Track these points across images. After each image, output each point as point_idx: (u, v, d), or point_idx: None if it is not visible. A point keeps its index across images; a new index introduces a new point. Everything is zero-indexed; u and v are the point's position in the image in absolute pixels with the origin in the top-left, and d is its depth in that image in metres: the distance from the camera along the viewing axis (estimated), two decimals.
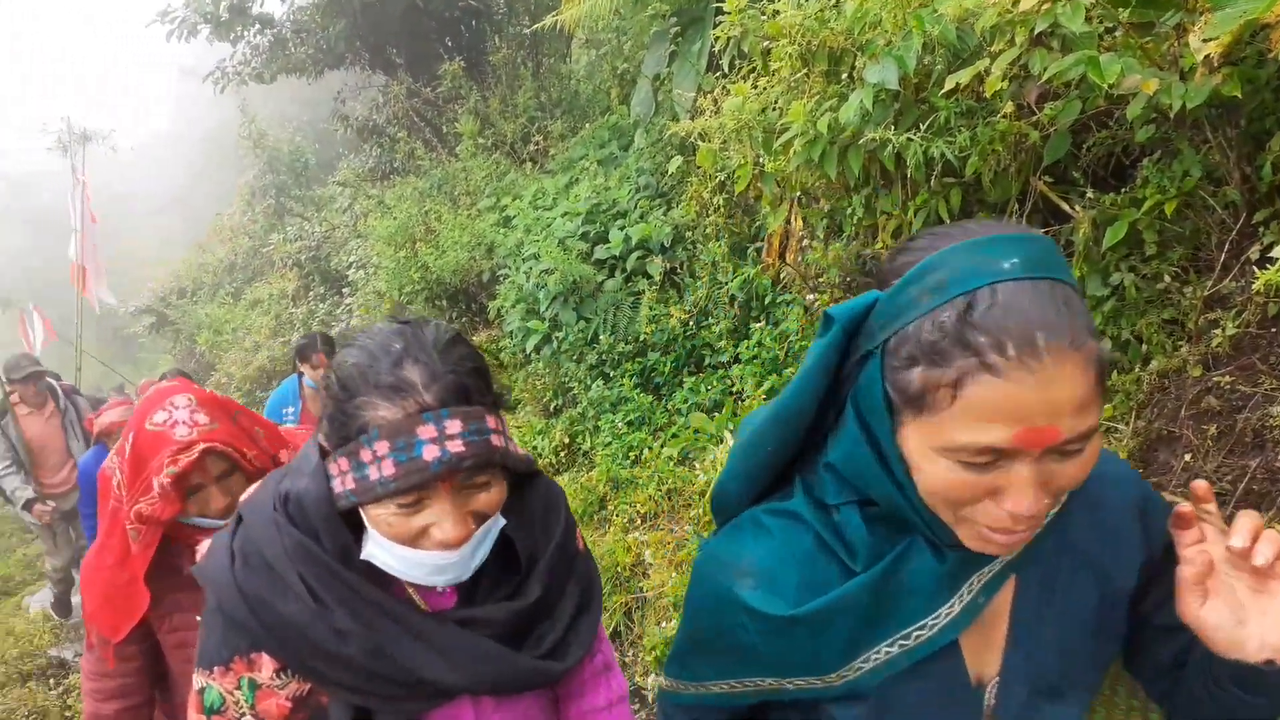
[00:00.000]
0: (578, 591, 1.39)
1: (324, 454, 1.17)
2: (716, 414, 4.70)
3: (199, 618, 2.00)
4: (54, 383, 6.40)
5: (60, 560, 6.55)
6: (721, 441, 4.40)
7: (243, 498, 1.33)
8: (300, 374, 5.00)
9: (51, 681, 6.07)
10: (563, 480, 5.36)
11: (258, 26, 10.83)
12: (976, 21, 2.47)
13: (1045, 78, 2.33)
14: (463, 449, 1.07)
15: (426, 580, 1.18)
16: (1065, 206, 2.84)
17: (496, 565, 1.28)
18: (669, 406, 5.15)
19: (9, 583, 9.48)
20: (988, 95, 2.51)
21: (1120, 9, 2.34)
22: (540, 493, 1.38)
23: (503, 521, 1.23)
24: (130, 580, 1.96)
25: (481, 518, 1.17)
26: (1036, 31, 2.30)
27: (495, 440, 1.12)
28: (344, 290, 10.85)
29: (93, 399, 6.85)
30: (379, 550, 1.16)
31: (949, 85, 2.55)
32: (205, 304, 15.50)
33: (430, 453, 1.05)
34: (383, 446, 1.06)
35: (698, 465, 4.55)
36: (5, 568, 10.09)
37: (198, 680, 1.22)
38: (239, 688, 1.20)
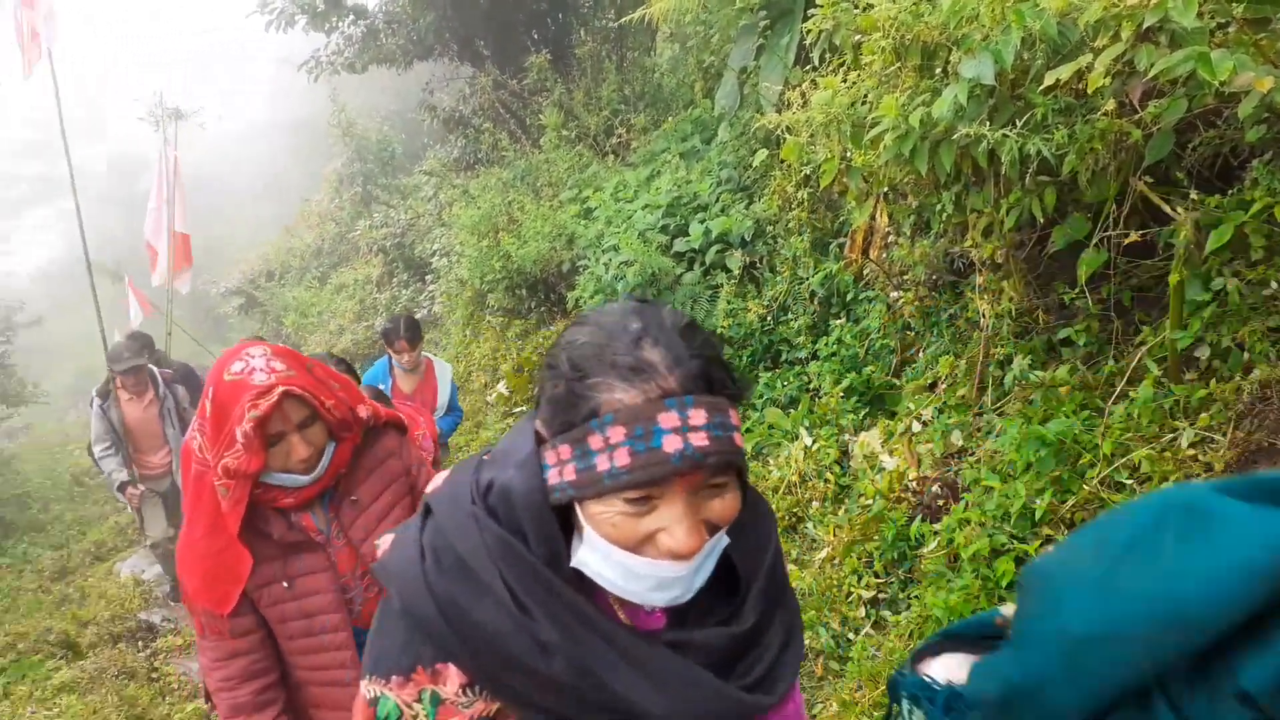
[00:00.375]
0: (786, 620, 1.21)
1: (539, 441, 1.04)
2: (792, 410, 4.67)
3: (285, 585, 2.04)
4: (155, 370, 6.57)
5: (156, 533, 6.77)
6: (796, 438, 4.37)
7: (429, 489, 1.22)
8: (390, 355, 5.11)
9: (140, 644, 6.34)
10: None
11: (351, 17, 11.09)
12: (1080, 15, 2.41)
13: (1151, 74, 2.26)
14: (707, 443, 0.93)
15: (645, 597, 1.02)
16: (1166, 208, 2.75)
17: (709, 586, 1.09)
18: (743, 401, 5.14)
19: (102, 548, 9.90)
20: (1089, 92, 2.44)
21: (1234, 4, 2.26)
22: (752, 507, 1.16)
23: (727, 539, 1.07)
24: (226, 545, 1.94)
25: (713, 528, 1.02)
26: (1144, 26, 2.23)
27: (738, 438, 0.99)
28: (426, 277, 11.06)
29: (180, 370, 7.04)
30: (593, 557, 1.01)
31: (1048, 81, 2.49)
32: (292, 287, 15.94)
33: (671, 444, 0.92)
34: (617, 432, 0.93)
35: (771, 461, 4.53)
36: (99, 534, 10.54)
37: (369, 689, 1.09)
38: (419, 700, 1.06)
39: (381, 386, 4.98)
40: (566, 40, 10.62)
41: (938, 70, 2.99)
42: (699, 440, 0.93)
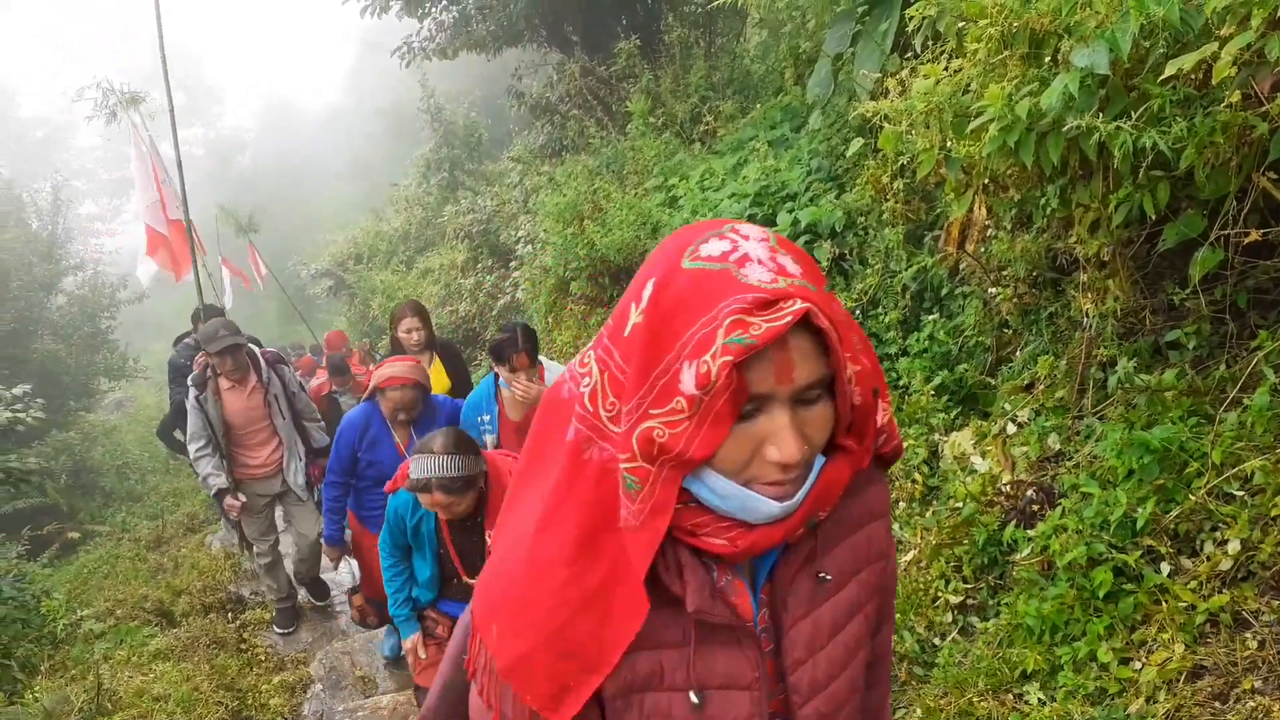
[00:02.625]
0: None
1: None
2: None
3: (692, 699, 1.04)
4: (255, 351, 5.58)
5: (268, 542, 5.88)
6: None
7: None
8: (496, 375, 4.04)
9: (230, 615, 6.54)
10: None
11: (444, 3, 11.22)
12: (1206, 2, 2.28)
13: None
14: None
15: None
16: None
17: None
18: None
19: (194, 520, 10.29)
20: (1213, 83, 2.31)
21: None
22: None
23: None
24: (603, 586, 0.98)
25: None
26: (1279, 14, 2.10)
27: None
28: (510, 264, 11.16)
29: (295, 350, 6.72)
30: None
31: (1169, 71, 2.36)
32: (380, 270, 16.28)
33: None
34: None
35: None
36: (192, 506, 10.94)
37: None
38: None
39: (486, 417, 4.13)
40: (655, 26, 10.58)
41: (1046, 59, 2.87)
42: None
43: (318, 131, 34.25)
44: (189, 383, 5.38)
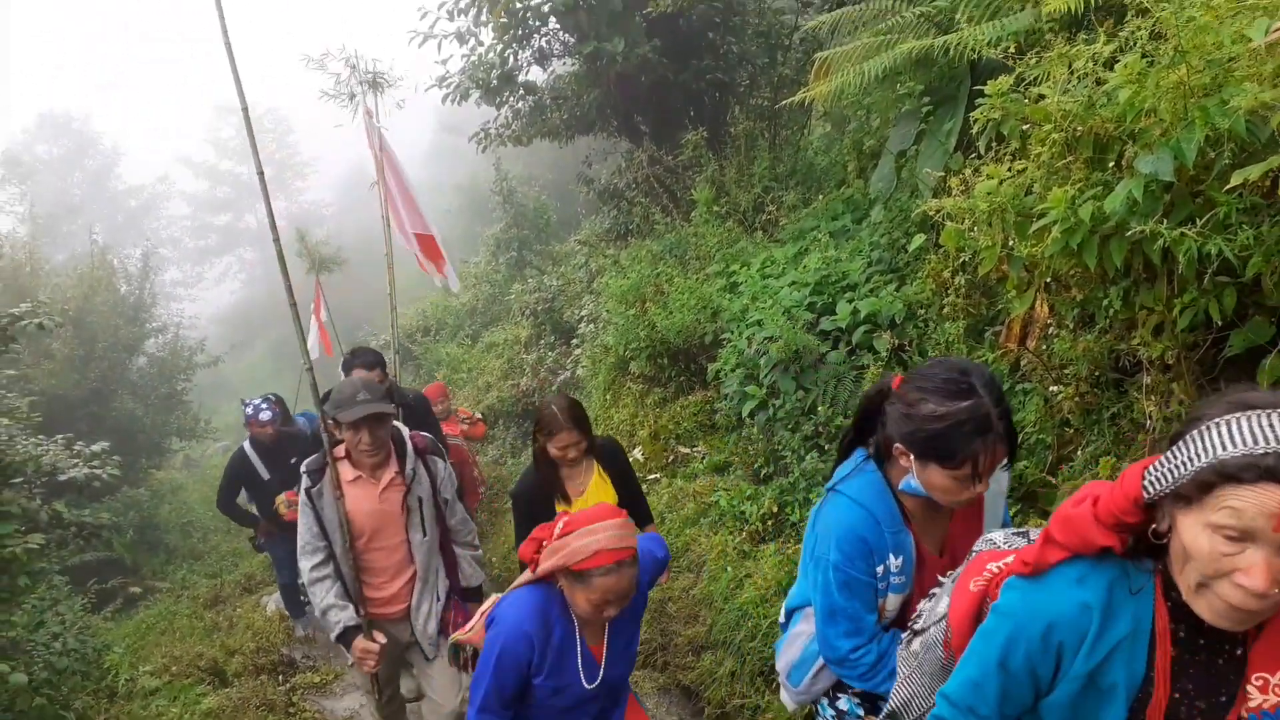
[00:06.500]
0: None
1: None
2: None
3: None
4: (402, 430, 3.89)
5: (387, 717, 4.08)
6: None
7: None
8: (883, 468, 2.42)
9: (280, 678, 6.58)
10: (768, 549, 5.31)
11: (521, 93, 11.65)
12: (1273, 114, 2.31)
13: None
14: None
15: None
16: None
17: None
18: None
19: (251, 580, 10.41)
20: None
21: None
22: None
23: None
24: None
25: None
26: None
27: None
28: (572, 341, 11.33)
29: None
30: None
31: (1235, 180, 2.39)
32: (446, 343, 16.61)
33: None
34: None
35: None
36: (249, 566, 11.09)
37: None
38: None
39: (898, 561, 2.38)
40: (722, 118, 10.85)
41: (1110, 164, 2.91)
42: None
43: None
44: (302, 469, 3.73)
